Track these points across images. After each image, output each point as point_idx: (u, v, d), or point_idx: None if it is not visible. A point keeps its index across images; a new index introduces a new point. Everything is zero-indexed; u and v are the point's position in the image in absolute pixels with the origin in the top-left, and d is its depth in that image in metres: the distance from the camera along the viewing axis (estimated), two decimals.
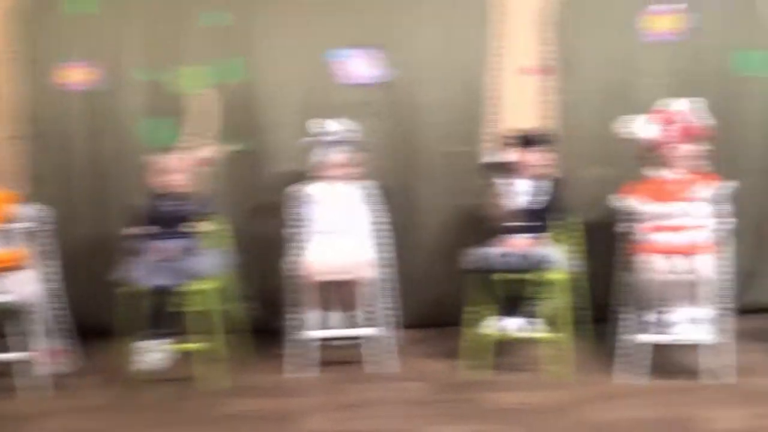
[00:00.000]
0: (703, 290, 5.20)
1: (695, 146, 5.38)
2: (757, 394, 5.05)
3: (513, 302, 5.55)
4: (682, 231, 5.29)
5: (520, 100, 6.31)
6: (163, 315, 5.46)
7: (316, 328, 5.74)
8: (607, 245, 6.21)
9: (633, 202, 5.42)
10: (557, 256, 5.51)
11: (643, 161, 5.49)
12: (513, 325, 5.52)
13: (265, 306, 6.54)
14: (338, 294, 5.91)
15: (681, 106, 5.44)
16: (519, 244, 5.52)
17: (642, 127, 5.47)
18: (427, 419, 4.93)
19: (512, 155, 5.68)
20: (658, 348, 5.40)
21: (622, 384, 5.31)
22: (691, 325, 5.27)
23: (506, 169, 5.71)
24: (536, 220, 5.63)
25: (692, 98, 5.60)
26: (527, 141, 5.66)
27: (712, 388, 5.18)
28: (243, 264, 6.45)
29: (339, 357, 5.99)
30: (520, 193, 5.66)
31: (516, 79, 6.30)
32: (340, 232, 5.86)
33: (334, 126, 5.86)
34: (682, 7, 6.18)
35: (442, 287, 6.47)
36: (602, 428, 4.73)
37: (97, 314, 6.45)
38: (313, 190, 5.94)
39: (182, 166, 5.80)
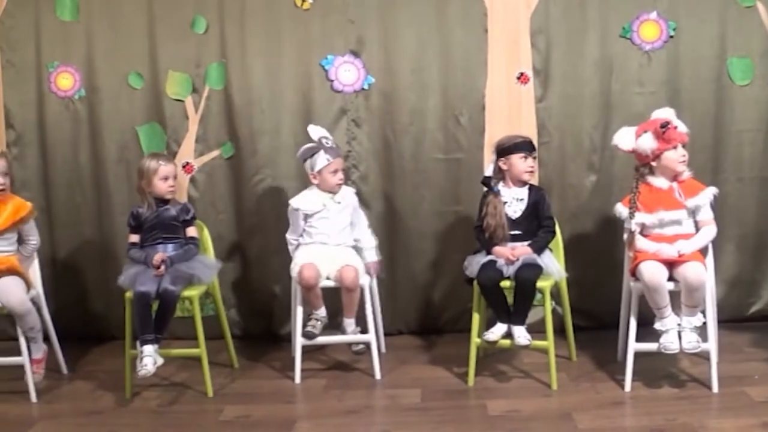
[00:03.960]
0: (693, 298, 5.12)
1: (680, 154, 5.33)
2: (749, 403, 4.98)
3: (507, 310, 5.47)
4: (672, 239, 5.27)
5: (507, 107, 6.31)
6: (152, 320, 5.35)
7: (310, 334, 5.65)
8: (593, 253, 6.33)
9: (625, 210, 5.36)
10: (548, 264, 5.49)
11: (636, 170, 5.44)
12: (504, 333, 5.43)
13: (256, 313, 6.59)
14: (333, 300, 5.82)
15: (664, 114, 5.38)
16: (511, 252, 5.44)
17: (626, 137, 5.43)
18: (421, 426, 4.89)
19: (501, 163, 5.61)
20: (645, 356, 5.35)
21: (612, 392, 5.28)
22: (681, 333, 5.17)
23: (497, 178, 5.63)
24: (526, 228, 5.57)
25: (670, 106, 5.59)
26: (516, 148, 5.58)
27: (702, 397, 5.13)
28: (233, 270, 6.54)
29: (334, 363, 6.06)
30: (511, 201, 5.59)
31: (503, 86, 6.30)
32: (334, 239, 5.80)
33: (323, 132, 5.81)
34: (666, 15, 6.19)
35: (435, 294, 6.53)
36: None
37: (87, 320, 6.60)
38: (308, 196, 5.84)
39: (176, 173, 5.74)
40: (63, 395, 5.60)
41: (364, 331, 5.75)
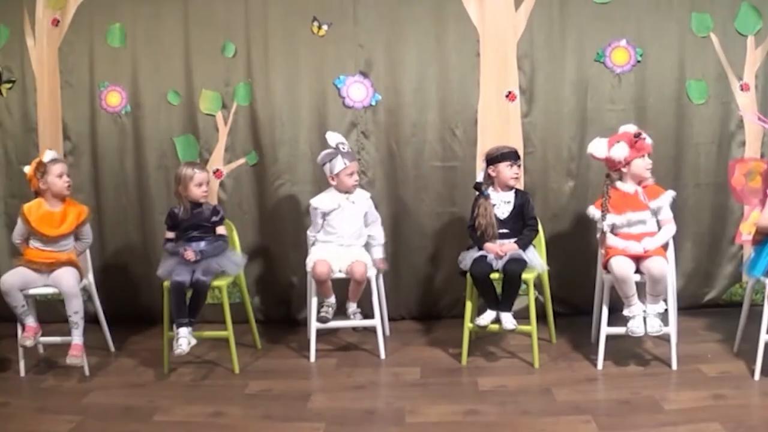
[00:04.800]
0: (656, 288, 5.45)
1: (647, 162, 5.67)
2: (703, 379, 5.37)
3: (496, 299, 5.79)
4: (639, 237, 5.61)
5: (497, 121, 6.72)
6: (186, 307, 5.73)
7: (323, 319, 5.99)
8: (571, 249, 6.79)
9: (597, 212, 5.70)
10: (532, 258, 5.84)
11: (607, 176, 5.76)
12: (493, 319, 5.79)
13: (277, 300, 7.11)
14: (344, 290, 6.18)
15: (630, 129, 5.74)
16: (500, 248, 5.78)
17: (599, 147, 5.74)
18: (420, 399, 5.23)
19: (490, 171, 5.93)
20: (615, 338, 5.69)
21: (586, 369, 5.66)
22: (646, 318, 5.53)
23: (487, 184, 5.96)
24: (513, 227, 5.90)
25: (637, 122, 6.03)
26: (503, 157, 5.90)
27: (664, 373, 5.51)
28: (256, 263, 7.03)
29: (344, 344, 6.45)
30: (499, 203, 5.92)
31: (493, 103, 6.71)
32: (347, 240, 6.14)
33: (340, 138, 6.15)
34: (634, 42, 6.59)
35: (433, 284, 7.01)
36: (570, 408, 5.01)
37: (131, 306, 7.14)
38: (326, 196, 6.15)
39: (208, 179, 6.13)
40: (111, 370, 5.99)
41: (368, 315, 6.11)
